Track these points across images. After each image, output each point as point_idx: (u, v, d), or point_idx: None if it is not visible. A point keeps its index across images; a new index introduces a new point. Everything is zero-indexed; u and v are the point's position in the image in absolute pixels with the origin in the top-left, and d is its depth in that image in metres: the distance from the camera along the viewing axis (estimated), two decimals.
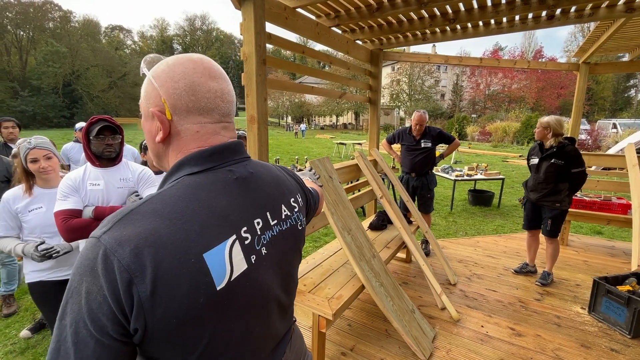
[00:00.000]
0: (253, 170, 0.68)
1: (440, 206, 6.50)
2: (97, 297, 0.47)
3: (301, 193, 0.85)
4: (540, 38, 58.44)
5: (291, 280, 0.76)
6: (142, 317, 0.48)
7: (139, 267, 0.48)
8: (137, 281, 0.47)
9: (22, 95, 36.47)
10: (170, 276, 0.49)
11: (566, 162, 2.86)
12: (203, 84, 0.61)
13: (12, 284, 2.95)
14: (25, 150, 1.74)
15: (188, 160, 0.61)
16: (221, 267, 0.55)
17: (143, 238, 0.49)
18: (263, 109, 1.96)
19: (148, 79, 0.63)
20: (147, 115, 0.64)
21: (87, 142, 1.67)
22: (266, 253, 0.65)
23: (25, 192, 1.76)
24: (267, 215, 0.67)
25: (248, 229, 0.62)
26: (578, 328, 2.52)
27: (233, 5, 1.87)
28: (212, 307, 0.53)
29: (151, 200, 0.55)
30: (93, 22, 50.98)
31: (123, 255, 0.47)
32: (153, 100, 0.62)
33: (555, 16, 2.68)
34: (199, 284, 0.52)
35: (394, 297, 2.27)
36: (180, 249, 0.51)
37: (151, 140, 0.65)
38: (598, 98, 35.43)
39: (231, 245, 0.57)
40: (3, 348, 2.42)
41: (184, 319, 0.50)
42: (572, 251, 3.98)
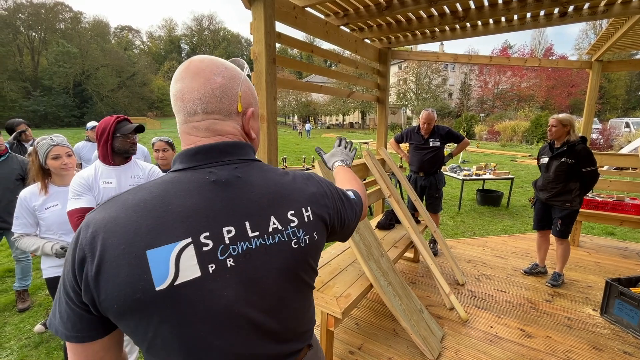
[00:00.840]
0: (242, 174, 0.63)
1: (448, 206, 6.45)
2: (67, 265, 0.56)
3: (318, 207, 0.72)
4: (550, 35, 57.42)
5: (282, 306, 0.66)
6: (89, 293, 0.53)
7: (91, 249, 0.53)
8: (88, 260, 0.53)
9: (34, 95, 37.24)
10: (112, 263, 0.52)
11: (577, 161, 2.81)
12: (172, 87, 0.65)
13: (27, 279, 3.01)
14: (48, 147, 1.78)
15: (177, 158, 0.65)
16: (163, 268, 0.53)
17: (103, 224, 0.54)
18: (273, 108, 1.97)
19: None
20: None
21: (112, 140, 1.68)
22: (233, 265, 0.58)
23: (41, 190, 1.80)
24: (246, 225, 0.60)
25: (211, 235, 0.57)
26: (590, 330, 2.48)
27: (243, 5, 1.88)
28: (152, 306, 0.53)
29: (129, 190, 0.60)
30: (103, 22, 51.73)
31: (85, 236, 0.54)
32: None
33: (567, 13, 2.64)
34: (137, 279, 0.52)
35: (402, 297, 2.27)
36: (126, 240, 0.53)
37: None
38: (610, 96, 34.73)
39: (181, 249, 0.54)
40: (18, 342, 2.48)
41: (123, 308, 0.52)
42: (584, 252, 3.92)
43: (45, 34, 42.13)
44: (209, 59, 0.66)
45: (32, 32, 41.64)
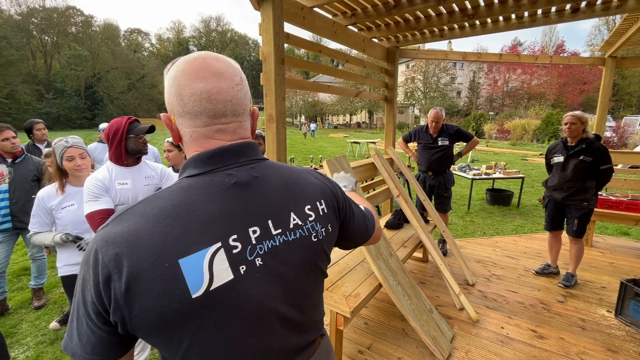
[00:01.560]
0: (259, 174, 0.64)
1: (457, 205, 6.39)
2: (87, 286, 0.53)
3: (330, 199, 0.75)
4: (561, 32, 56.30)
5: (304, 297, 0.69)
6: (119, 312, 0.51)
7: (117, 265, 0.50)
8: (114, 278, 0.50)
9: (47, 98, 38.08)
10: (144, 277, 0.50)
11: (595, 158, 2.77)
12: (188, 86, 0.59)
13: (42, 277, 3.09)
14: (62, 148, 1.83)
15: (189, 163, 0.62)
16: (198, 275, 0.53)
17: (125, 238, 0.52)
18: (281, 108, 1.98)
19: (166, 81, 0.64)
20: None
21: (126, 140, 1.70)
22: (262, 264, 0.60)
23: (58, 190, 1.84)
24: (269, 224, 0.62)
25: (239, 237, 0.58)
26: (604, 332, 2.43)
27: (252, 6, 1.89)
28: (188, 314, 0.52)
29: (145, 200, 0.57)
30: (113, 26, 52.58)
31: (106, 253, 0.51)
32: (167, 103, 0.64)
33: (580, 9, 2.59)
34: (173, 289, 0.51)
35: (411, 296, 2.26)
36: (155, 252, 0.51)
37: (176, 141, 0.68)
38: (624, 94, 33.88)
39: (213, 253, 0.54)
40: (34, 339, 2.54)
41: (158, 320, 0.51)
42: (597, 252, 3.85)
43: (57, 38, 43.01)
44: (223, 58, 0.64)
45: (44, 36, 42.56)
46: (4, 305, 2.89)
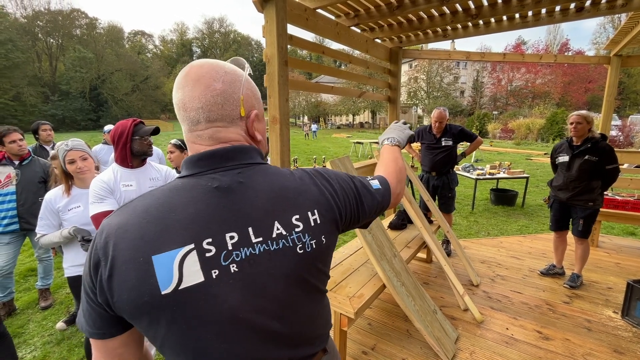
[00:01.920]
0: (245, 179, 0.63)
1: (461, 206, 6.36)
2: (85, 267, 0.59)
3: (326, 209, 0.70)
4: (566, 30, 55.78)
5: (289, 310, 0.65)
6: (104, 295, 0.56)
7: (104, 253, 0.56)
8: (102, 264, 0.56)
9: (52, 100, 38.47)
10: (122, 268, 0.55)
11: (600, 158, 2.75)
12: (174, 96, 0.65)
13: (49, 278, 3.12)
14: (63, 152, 1.85)
15: (183, 165, 0.66)
16: (168, 273, 0.54)
17: (114, 229, 0.57)
18: (285, 109, 1.99)
19: None
20: None
21: (131, 142, 1.72)
22: (237, 271, 0.58)
23: (64, 193, 1.86)
24: (249, 231, 0.60)
25: (213, 241, 0.58)
26: (610, 333, 2.41)
27: (255, 8, 1.90)
28: (159, 309, 0.55)
29: (140, 196, 0.62)
30: (117, 28, 52.97)
31: (99, 241, 0.58)
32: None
33: (584, 8, 2.57)
34: (144, 283, 0.54)
35: (415, 297, 2.25)
36: (134, 245, 0.55)
37: None
38: (630, 92, 33.54)
39: (185, 254, 0.56)
40: (41, 339, 2.57)
41: (134, 310, 0.55)
42: (603, 253, 3.81)
43: (62, 40, 43.45)
44: (208, 64, 0.65)
45: (50, 38, 43.00)
46: (12, 306, 2.92)
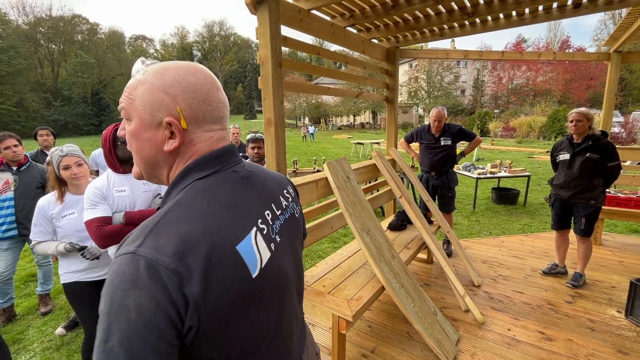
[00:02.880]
0: (251, 169, 0.73)
1: (463, 205, 6.33)
2: (149, 307, 0.47)
3: (290, 185, 0.89)
4: (566, 27, 55.18)
5: (301, 265, 0.83)
6: (196, 314, 0.50)
7: (185, 268, 0.50)
8: (185, 282, 0.49)
9: (54, 105, 38.72)
10: (214, 271, 0.52)
11: (601, 155, 2.71)
12: (215, 94, 0.65)
13: (48, 284, 3.12)
14: (58, 158, 1.84)
15: (194, 166, 0.63)
16: (253, 256, 0.59)
17: (180, 242, 0.51)
18: (280, 111, 1.98)
19: (154, 87, 0.61)
20: (150, 124, 0.62)
21: (114, 148, 1.72)
22: (280, 240, 0.70)
23: (58, 199, 1.85)
24: (273, 207, 0.72)
25: (262, 220, 0.66)
26: (614, 332, 2.38)
27: (249, 11, 1.89)
28: (252, 294, 0.58)
29: (173, 209, 0.57)
30: (118, 33, 53.31)
31: (167, 262, 0.49)
32: (164, 109, 0.61)
33: (582, 4, 2.55)
34: (239, 274, 0.56)
35: (414, 299, 2.23)
36: (215, 245, 0.54)
37: (154, 149, 0.63)
38: (632, 88, 33.32)
39: (254, 236, 0.62)
40: (40, 345, 2.57)
41: (231, 308, 0.54)
42: (606, 251, 3.77)
43: (64, 46, 43.77)
44: None
45: (51, 44, 43.34)
46: (12, 312, 2.92)
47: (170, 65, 0.64)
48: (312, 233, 2.35)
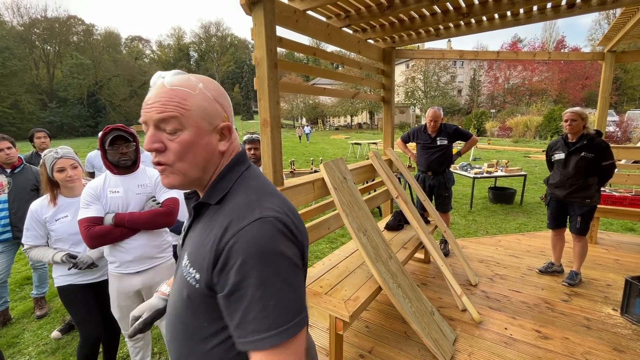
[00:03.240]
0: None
1: (460, 205, 6.35)
2: (292, 247, 0.64)
3: None
4: (562, 27, 55.56)
5: None
6: (302, 255, 0.68)
7: (293, 222, 0.67)
8: (296, 232, 0.66)
9: (50, 107, 38.42)
10: (301, 228, 0.70)
11: (596, 154, 2.73)
12: (230, 100, 0.76)
13: (44, 287, 3.10)
14: (53, 160, 1.82)
15: (236, 161, 0.75)
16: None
17: (282, 205, 0.68)
18: (276, 112, 1.97)
19: (208, 98, 0.68)
20: (207, 131, 0.68)
21: (104, 152, 1.72)
22: None
23: (50, 202, 1.83)
24: None
25: None
26: (610, 331, 2.39)
27: (244, 12, 1.89)
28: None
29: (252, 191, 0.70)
30: (114, 34, 53.06)
31: (285, 218, 0.65)
32: (218, 116, 0.70)
33: (576, 4, 2.56)
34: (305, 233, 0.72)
35: (412, 299, 2.23)
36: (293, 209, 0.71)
37: (210, 153, 0.70)
38: (627, 87, 33.57)
39: None
40: (36, 348, 2.55)
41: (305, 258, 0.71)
42: (602, 249, 3.79)
43: (59, 47, 43.43)
44: None
45: (47, 45, 42.99)
46: (6, 315, 2.90)
47: (203, 78, 0.71)
48: (309, 234, 2.34)
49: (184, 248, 0.76)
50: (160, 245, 1.84)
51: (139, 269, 1.75)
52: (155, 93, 0.66)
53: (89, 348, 1.89)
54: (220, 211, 0.68)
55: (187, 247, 0.74)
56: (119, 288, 1.77)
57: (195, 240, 0.71)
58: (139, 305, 0.97)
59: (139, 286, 1.77)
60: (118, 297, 1.78)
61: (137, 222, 1.69)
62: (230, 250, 0.60)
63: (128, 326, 1.83)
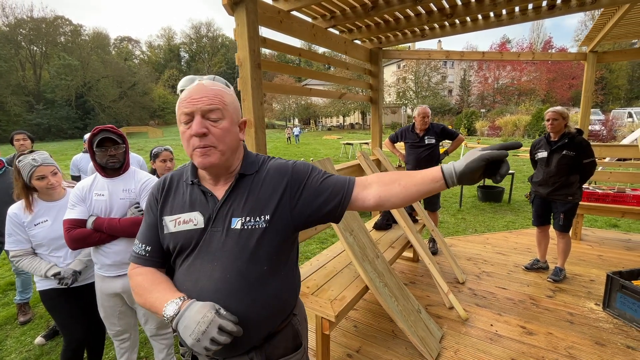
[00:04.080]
0: None
1: (449, 203, 6.41)
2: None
3: None
4: (549, 28, 56.82)
5: None
6: None
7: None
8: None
9: (37, 109, 37.63)
10: None
11: (577, 153, 2.79)
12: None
13: (27, 292, 3.03)
14: (31, 168, 1.73)
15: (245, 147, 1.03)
16: None
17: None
18: (260, 112, 1.97)
19: (235, 98, 0.93)
20: (235, 122, 0.90)
21: (93, 153, 1.68)
22: None
23: (26, 209, 1.76)
24: None
25: None
26: (592, 325, 2.44)
27: (226, 12, 1.88)
28: None
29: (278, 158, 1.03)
30: (102, 34, 52.25)
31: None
32: (240, 112, 0.95)
33: (556, 5, 2.62)
34: None
35: (398, 297, 2.25)
36: None
37: (236, 139, 0.91)
38: (612, 87, 34.31)
39: None
40: (19, 355, 2.49)
41: None
42: (586, 246, 3.87)
43: (46, 48, 42.59)
44: None
45: (33, 46, 42.11)
46: None
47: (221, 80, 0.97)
48: None
49: (224, 216, 0.90)
50: None
51: (118, 274, 1.73)
52: (197, 90, 0.85)
53: (72, 352, 1.86)
54: (258, 176, 0.94)
55: (232, 212, 0.90)
56: (101, 289, 1.76)
57: (243, 201, 0.90)
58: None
59: (119, 290, 1.75)
60: (101, 297, 1.78)
61: (115, 229, 1.66)
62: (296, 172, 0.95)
63: (112, 326, 1.83)
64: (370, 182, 0.90)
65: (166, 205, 0.97)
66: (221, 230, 0.89)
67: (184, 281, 0.91)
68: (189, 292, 0.87)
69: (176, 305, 0.80)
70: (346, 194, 0.89)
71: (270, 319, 0.92)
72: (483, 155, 0.76)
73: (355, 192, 0.90)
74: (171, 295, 0.84)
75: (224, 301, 0.84)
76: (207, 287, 0.86)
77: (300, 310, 1.08)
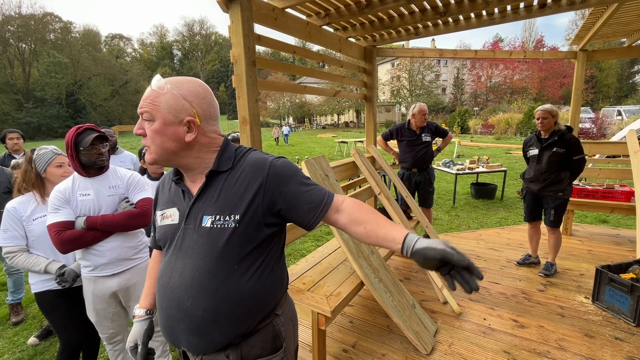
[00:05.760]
0: None
1: (443, 201, 6.48)
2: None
3: None
4: (541, 27, 57.60)
5: None
6: None
7: None
8: None
9: (26, 107, 36.99)
10: None
11: (567, 150, 2.85)
12: (213, 100, 0.94)
13: (19, 292, 3.00)
14: (52, 155, 1.80)
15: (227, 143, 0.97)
16: None
17: None
18: (255, 110, 1.97)
19: (176, 96, 0.86)
20: (172, 122, 0.86)
21: (76, 153, 1.63)
22: None
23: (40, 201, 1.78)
24: None
25: None
26: (582, 318, 2.50)
27: (221, 9, 1.88)
28: None
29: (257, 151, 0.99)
30: (93, 31, 51.52)
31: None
32: (184, 111, 0.87)
33: (547, 4, 2.66)
34: None
35: (393, 293, 2.27)
36: None
37: (176, 141, 0.87)
38: (602, 85, 34.88)
39: None
40: (12, 356, 2.47)
41: None
42: (576, 241, 3.95)
43: (35, 46, 41.84)
44: None
45: (22, 44, 41.35)
46: None
47: (182, 79, 0.89)
48: (291, 231, 2.35)
49: (196, 213, 0.91)
50: (136, 246, 1.81)
51: (115, 271, 1.71)
52: (145, 93, 0.88)
53: (69, 354, 1.84)
54: (233, 172, 0.91)
55: (204, 210, 0.90)
56: (94, 291, 1.72)
57: (215, 199, 0.90)
58: (128, 337, 1.08)
59: (114, 288, 1.73)
60: (94, 300, 1.73)
61: (111, 224, 1.65)
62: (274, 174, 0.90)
63: (105, 329, 1.81)
64: (344, 209, 0.92)
65: (158, 200, 1.06)
66: (193, 227, 0.91)
67: (160, 277, 0.96)
68: (164, 287, 0.93)
69: None
70: (319, 214, 0.91)
71: (244, 317, 0.91)
72: (443, 252, 0.78)
73: (329, 214, 0.92)
74: None
75: (194, 297, 0.88)
76: (179, 284, 0.90)
77: (287, 311, 1.04)
